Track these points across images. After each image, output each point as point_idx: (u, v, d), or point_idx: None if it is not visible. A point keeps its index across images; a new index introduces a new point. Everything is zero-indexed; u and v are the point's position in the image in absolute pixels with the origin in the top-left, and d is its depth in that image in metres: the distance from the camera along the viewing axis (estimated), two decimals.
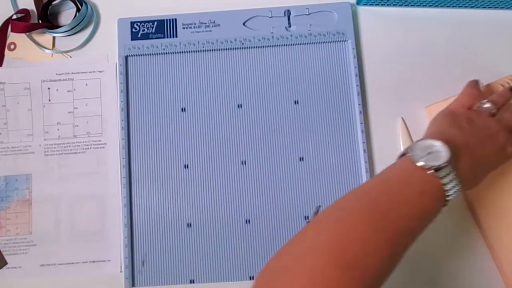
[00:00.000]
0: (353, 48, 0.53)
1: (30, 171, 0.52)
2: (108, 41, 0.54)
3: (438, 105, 0.50)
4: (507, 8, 0.55)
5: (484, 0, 0.53)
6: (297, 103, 0.52)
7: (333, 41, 0.53)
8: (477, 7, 0.55)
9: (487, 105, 0.44)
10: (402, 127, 0.51)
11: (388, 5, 0.55)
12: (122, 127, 0.51)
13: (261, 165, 0.51)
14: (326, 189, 0.50)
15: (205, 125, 0.52)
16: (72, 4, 0.56)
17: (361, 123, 0.51)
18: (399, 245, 0.34)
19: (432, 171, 0.36)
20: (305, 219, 0.49)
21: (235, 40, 0.53)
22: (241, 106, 0.52)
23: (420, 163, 0.36)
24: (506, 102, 0.45)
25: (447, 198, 0.36)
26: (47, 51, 0.54)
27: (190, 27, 0.54)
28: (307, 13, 0.54)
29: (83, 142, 0.52)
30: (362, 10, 0.55)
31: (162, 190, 0.50)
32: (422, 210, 0.35)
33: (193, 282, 0.48)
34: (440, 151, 0.36)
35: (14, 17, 0.55)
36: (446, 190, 0.36)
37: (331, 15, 0.54)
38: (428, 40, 0.54)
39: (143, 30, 0.53)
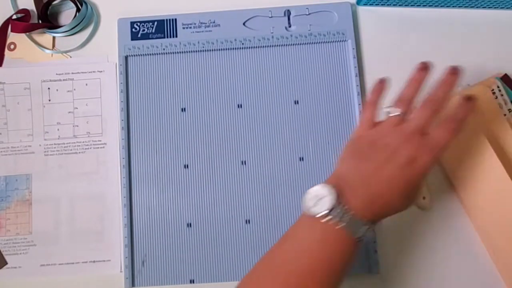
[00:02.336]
0: (353, 48, 0.53)
1: (30, 171, 0.52)
2: (108, 41, 0.54)
3: None
4: (507, 8, 0.55)
5: (484, 0, 0.53)
6: (297, 103, 0.52)
7: (333, 41, 0.53)
8: (477, 7, 0.55)
9: (394, 112, 0.40)
10: None
11: (388, 5, 0.55)
12: (122, 127, 0.51)
13: (261, 165, 0.51)
14: None
15: (205, 125, 0.52)
16: (72, 4, 0.56)
17: None
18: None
19: (326, 218, 0.36)
20: None
21: (235, 40, 0.53)
22: (241, 106, 0.52)
23: (309, 213, 0.37)
24: (415, 96, 0.40)
25: (356, 236, 0.36)
26: (47, 51, 0.54)
27: (190, 27, 0.54)
28: (307, 13, 0.54)
29: (83, 142, 0.52)
30: (362, 10, 0.55)
31: (162, 190, 0.50)
32: (331, 254, 0.36)
33: (193, 282, 0.48)
34: (325, 196, 0.37)
35: (14, 17, 0.55)
36: (349, 228, 0.36)
37: (331, 15, 0.54)
38: (428, 40, 0.54)
39: (143, 30, 0.53)
